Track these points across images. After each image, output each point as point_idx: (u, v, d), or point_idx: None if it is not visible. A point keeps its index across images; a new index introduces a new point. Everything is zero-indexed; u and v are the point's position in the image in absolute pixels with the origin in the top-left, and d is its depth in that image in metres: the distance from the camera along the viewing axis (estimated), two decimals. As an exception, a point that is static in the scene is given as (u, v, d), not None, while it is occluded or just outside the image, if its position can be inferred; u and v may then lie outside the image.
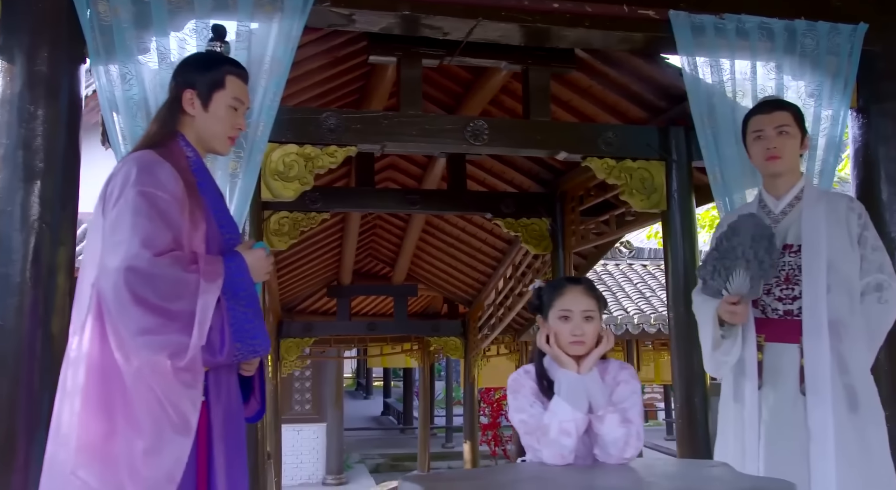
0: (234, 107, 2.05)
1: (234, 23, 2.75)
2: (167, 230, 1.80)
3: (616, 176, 3.47)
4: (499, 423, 12.85)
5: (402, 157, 5.91)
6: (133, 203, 1.79)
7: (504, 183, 5.54)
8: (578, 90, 4.06)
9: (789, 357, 2.21)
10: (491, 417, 13.16)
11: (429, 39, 3.24)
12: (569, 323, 2.02)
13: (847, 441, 2.11)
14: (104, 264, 1.77)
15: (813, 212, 2.27)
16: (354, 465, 15.39)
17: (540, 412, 1.99)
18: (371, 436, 20.11)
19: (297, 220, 4.68)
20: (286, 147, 3.14)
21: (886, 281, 2.24)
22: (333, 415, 13.75)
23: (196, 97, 2.01)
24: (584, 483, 1.71)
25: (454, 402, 17.68)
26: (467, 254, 7.10)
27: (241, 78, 2.10)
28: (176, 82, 2.07)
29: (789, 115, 2.35)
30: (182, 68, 2.10)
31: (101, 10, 2.63)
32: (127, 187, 1.82)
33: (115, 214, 1.80)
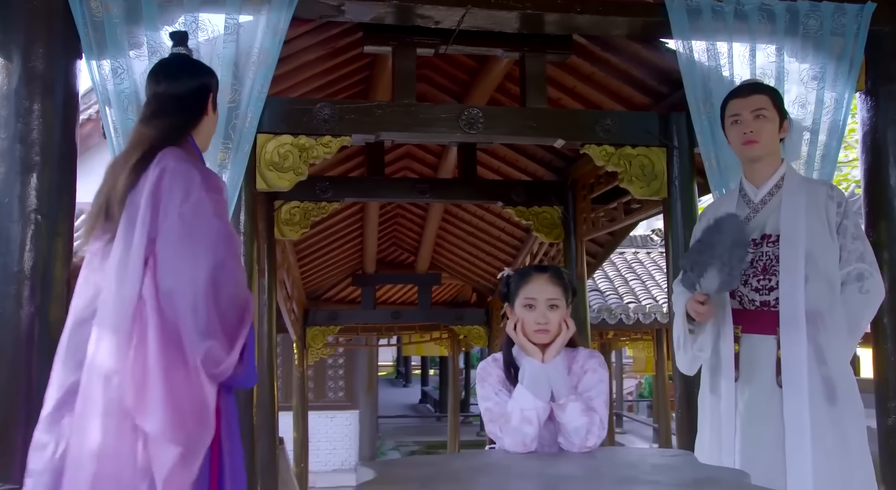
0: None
1: (223, 15, 2.80)
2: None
3: (615, 163, 3.43)
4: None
5: (418, 147, 5.93)
6: (211, 207, 1.83)
7: (518, 171, 5.51)
8: (581, 77, 4.02)
9: (766, 349, 2.17)
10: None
11: (423, 29, 3.24)
12: (534, 311, 2.02)
13: (824, 434, 2.07)
14: (182, 265, 1.78)
15: (792, 201, 2.22)
16: (388, 452, 15.57)
17: (504, 400, 2.00)
18: (407, 423, 20.33)
19: (307, 209, 4.74)
20: (281, 138, 3.18)
21: (867, 270, 2.17)
22: (366, 402, 13.93)
23: (212, 99, 2.11)
24: (536, 470, 1.72)
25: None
26: (487, 242, 7.10)
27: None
28: (202, 83, 2.11)
29: (767, 98, 2.29)
30: (205, 71, 2.16)
31: (93, 7, 2.70)
32: (195, 190, 1.83)
33: (191, 216, 1.81)
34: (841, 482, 2.05)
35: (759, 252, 2.23)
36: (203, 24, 2.79)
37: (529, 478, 1.64)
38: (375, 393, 14.21)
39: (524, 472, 1.71)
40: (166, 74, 2.09)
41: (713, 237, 2.19)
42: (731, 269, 2.10)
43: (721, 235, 2.17)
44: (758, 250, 2.23)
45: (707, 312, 2.17)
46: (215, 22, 2.80)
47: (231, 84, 2.77)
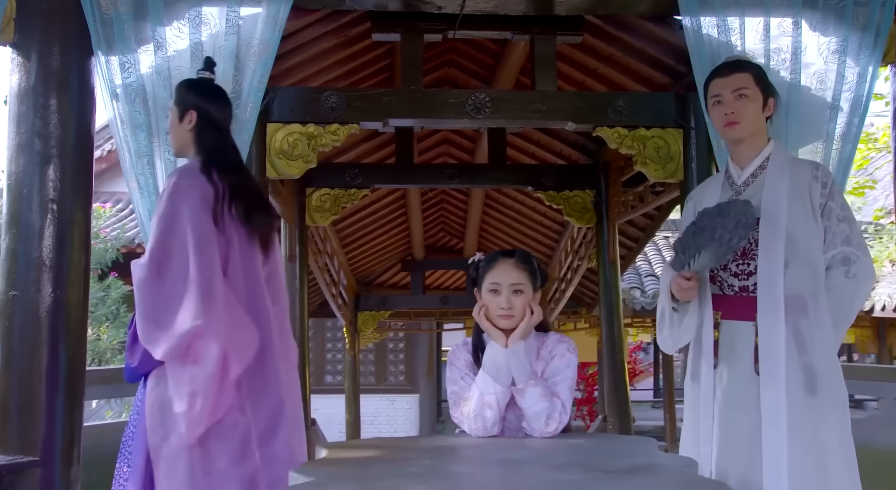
0: None
1: (224, 8, 2.88)
2: None
3: (628, 145, 3.36)
4: (595, 398, 12.75)
5: (454, 132, 5.94)
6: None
7: (553, 155, 5.45)
8: (601, 58, 3.94)
9: (744, 335, 2.09)
10: (586, 392, 13.08)
11: (430, 14, 3.25)
12: (498, 296, 2.01)
13: (801, 425, 1.99)
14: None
15: (775, 182, 2.13)
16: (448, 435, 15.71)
17: (469, 384, 2.01)
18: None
19: (337, 196, 4.83)
20: (289, 127, 3.25)
21: (854, 254, 2.07)
22: (426, 386, 14.09)
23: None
24: (483, 455, 1.73)
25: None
26: (529, 227, 7.05)
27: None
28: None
29: (749, 76, 2.19)
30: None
31: (103, 4, 2.81)
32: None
33: None
34: (818, 475, 1.97)
35: None
36: (206, 18, 2.88)
37: (470, 461, 1.66)
38: (436, 377, 14.35)
39: (470, 456, 1.72)
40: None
41: (714, 220, 2.12)
42: (728, 248, 2.04)
43: (724, 219, 2.09)
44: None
45: (690, 289, 2.11)
46: (217, 15, 2.88)
47: (233, 75, 2.84)
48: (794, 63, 2.97)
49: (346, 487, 1.40)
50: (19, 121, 2.74)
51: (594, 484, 1.42)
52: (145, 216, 2.73)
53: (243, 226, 2.16)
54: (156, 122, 2.80)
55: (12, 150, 2.75)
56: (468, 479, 1.45)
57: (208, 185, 2.14)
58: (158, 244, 2.07)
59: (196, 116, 2.30)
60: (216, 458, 2.01)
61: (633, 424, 4.83)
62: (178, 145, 2.30)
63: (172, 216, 2.09)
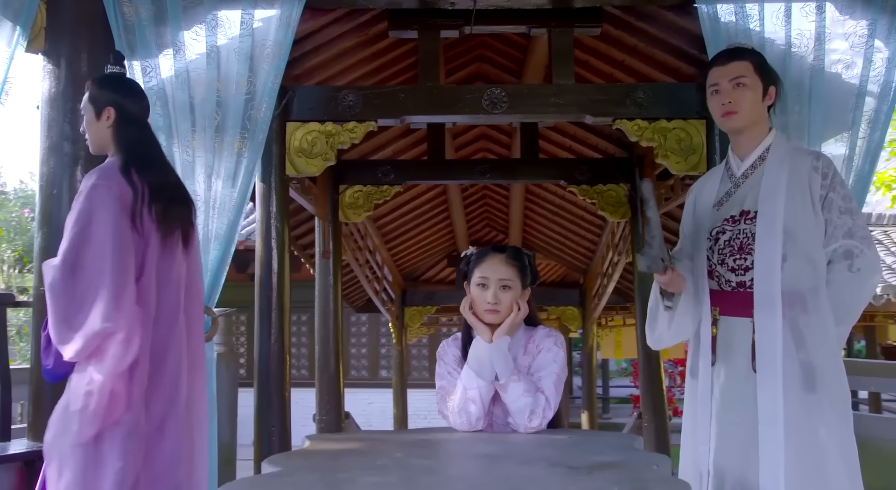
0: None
1: (239, 11, 2.96)
2: None
3: (648, 138, 3.29)
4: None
5: (491, 128, 5.92)
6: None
7: (588, 148, 5.38)
8: (626, 49, 3.87)
9: (741, 332, 2.03)
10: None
11: (446, 11, 3.27)
12: (486, 291, 2.02)
13: (798, 423, 1.92)
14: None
15: (774, 174, 2.05)
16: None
17: (456, 379, 2.02)
18: (528, 403, 20.38)
19: (370, 193, 4.89)
20: (308, 125, 3.31)
21: (857, 247, 1.98)
22: (480, 381, 14.08)
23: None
24: (458, 449, 1.74)
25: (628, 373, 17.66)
26: (571, 221, 6.98)
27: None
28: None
29: (748, 64, 2.12)
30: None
31: (126, 12, 2.93)
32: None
33: None
34: (815, 475, 1.90)
35: (737, 230, 2.08)
36: (221, 21, 2.97)
37: (440, 454, 1.67)
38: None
39: (443, 450, 1.74)
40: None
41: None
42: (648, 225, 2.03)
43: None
44: (735, 227, 2.09)
45: (671, 281, 2.07)
46: (232, 18, 2.97)
47: (247, 76, 2.92)
48: (817, 49, 2.87)
49: (305, 478, 1.43)
50: (50, 125, 2.88)
51: (550, 479, 1.42)
52: (164, 214, 2.82)
53: (161, 226, 2.16)
54: (175, 124, 2.90)
55: (43, 153, 2.89)
56: (425, 471, 1.47)
57: (127, 186, 2.12)
58: (72, 246, 2.04)
59: (114, 113, 2.26)
60: (108, 458, 2.00)
61: (669, 422, 4.73)
62: (97, 144, 2.29)
63: (88, 218, 2.06)
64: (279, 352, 3.22)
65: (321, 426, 4.81)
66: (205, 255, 2.80)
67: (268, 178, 3.31)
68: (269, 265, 3.27)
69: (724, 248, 2.10)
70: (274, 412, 3.21)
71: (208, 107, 2.89)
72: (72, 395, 2.02)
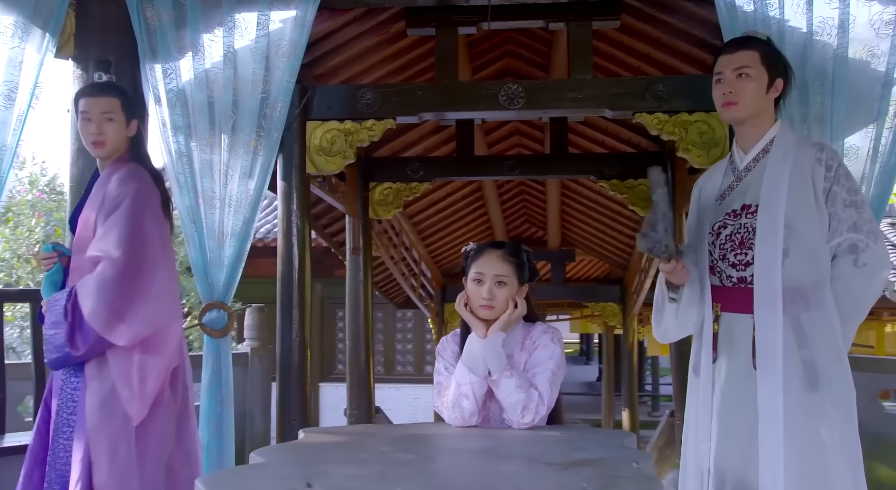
0: (86, 119, 2.40)
1: (256, 12, 3.02)
2: None
3: (669, 131, 3.23)
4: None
5: (524, 123, 5.90)
6: None
7: (621, 142, 5.31)
8: (650, 41, 3.81)
9: (742, 328, 1.98)
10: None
11: (463, 7, 3.27)
12: (481, 286, 2.02)
13: (799, 422, 1.86)
14: None
15: (777, 167, 1.99)
16: (553, 428, 15.60)
17: (452, 375, 2.02)
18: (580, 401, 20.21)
19: (399, 190, 4.92)
20: (328, 124, 3.35)
21: (862, 241, 1.91)
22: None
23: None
24: (445, 444, 1.75)
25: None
26: (607, 217, 6.90)
27: (87, 95, 2.45)
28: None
29: (754, 54, 2.06)
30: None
31: (149, 16, 3.02)
32: None
33: None
34: (815, 476, 1.84)
35: (738, 224, 2.03)
36: (238, 23, 3.03)
37: (425, 449, 1.68)
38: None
39: (430, 444, 1.75)
40: None
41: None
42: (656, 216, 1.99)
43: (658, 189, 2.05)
44: (736, 222, 2.04)
45: (675, 272, 2.03)
46: (249, 20, 3.03)
47: (263, 76, 2.98)
48: (840, 36, 2.77)
49: (283, 470, 1.47)
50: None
51: (522, 475, 1.42)
52: (184, 212, 2.90)
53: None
54: (194, 124, 2.98)
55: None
56: (401, 465, 1.48)
57: (157, 191, 2.38)
58: (128, 244, 2.24)
59: (136, 124, 2.49)
60: (151, 438, 2.21)
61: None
62: (113, 147, 2.42)
63: (140, 220, 2.28)
64: (300, 347, 3.27)
65: (352, 420, 4.87)
66: (220, 251, 2.88)
67: (289, 177, 3.35)
68: (291, 262, 3.32)
69: (725, 243, 2.05)
70: (295, 406, 3.26)
71: (225, 106, 2.96)
72: (119, 381, 2.19)
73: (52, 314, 2.22)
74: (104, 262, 2.21)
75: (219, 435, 2.82)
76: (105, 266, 2.21)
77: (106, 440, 2.16)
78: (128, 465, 2.15)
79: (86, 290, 2.21)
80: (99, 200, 2.36)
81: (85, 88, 2.49)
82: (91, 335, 2.18)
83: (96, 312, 2.17)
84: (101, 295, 2.18)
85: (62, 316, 2.21)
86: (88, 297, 2.19)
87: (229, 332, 2.83)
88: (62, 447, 2.22)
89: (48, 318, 2.22)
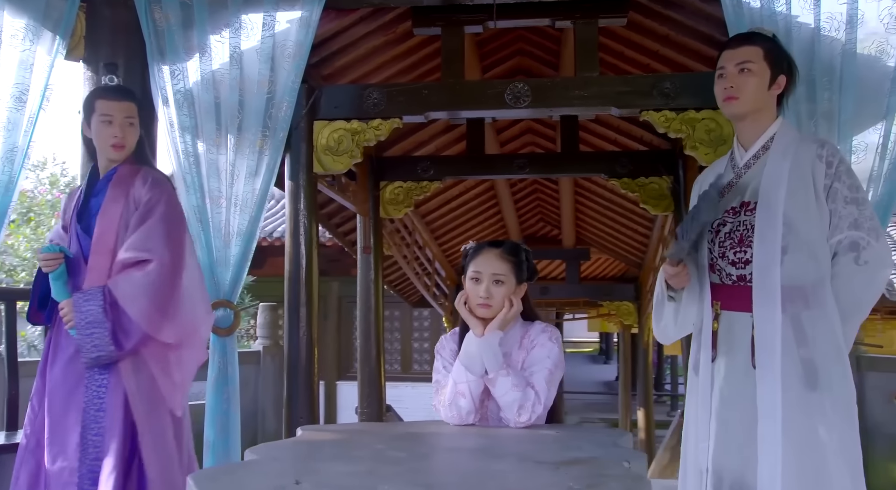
0: (106, 121, 2.42)
1: (262, 13, 3.05)
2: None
3: (676, 129, 3.21)
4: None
5: (536, 122, 5.88)
6: None
7: (634, 140, 5.28)
8: (658, 38, 3.78)
9: (741, 327, 1.97)
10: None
11: (468, 6, 3.27)
12: (479, 285, 2.02)
13: (797, 422, 1.84)
14: None
15: (776, 163, 1.97)
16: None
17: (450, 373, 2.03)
18: (598, 400, 20.16)
19: (410, 189, 4.93)
20: (335, 124, 3.36)
21: (864, 238, 1.88)
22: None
23: (86, 124, 2.48)
24: (439, 442, 1.76)
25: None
26: (622, 215, 6.86)
27: (107, 98, 2.46)
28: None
29: (757, 50, 2.04)
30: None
31: (157, 18, 3.06)
32: None
33: None
34: (813, 476, 1.82)
35: (737, 221, 2.02)
36: (244, 24, 3.06)
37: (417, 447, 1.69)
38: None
39: (424, 442, 1.76)
40: None
41: (699, 203, 2.04)
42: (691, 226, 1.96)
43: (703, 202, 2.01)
44: (736, 219, 2.02)
45: (678, 276, 2.02)
46: (255, 21, 3.05)
47: (269, 77, 3.01)
48: (849, 32, 2.74)
49: (274, 467, 1.48)
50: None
51: (510, 474, 1.42)
52: (191, 211, 2.93)
53: None
54: (201, 124, 3.01)
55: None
56: (393, 462, 1.49)
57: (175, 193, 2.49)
58: (173, 246, 2.35)
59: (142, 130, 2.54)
60: (184, 426, 2.38)
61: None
62: (129, 149, 2.46)
63: (177, 222, 2.41)
64: (307, 346, 3.30)
65: (363, 418, 4.90)
66: (227, 250, 2.91)
67: (296, 176, 3.37)
68: (298, 261, 3.34)
69: (724, 241, 2.04)
70: (302, 404, 3.29)
71: (231, 107, 2.99)
72: (160, 375, 2.32)
73: (83, 315, 2.25)
74: (154, 264, 2.29)
75: (225, 432, 2.85)
76: (155, 267, 2.29)
77: (153, 433, 2.28)
78: (172, 456, 2.29)
79: (132, 290, 2.28)
80: (123, 202, 2.40)
81: (103, 91, 2.51)
82: (137, 333, 2.27)
83: (147, 312, 2.27)
84: (152, 295, 2.27)
85: (101, 316, 2.26)
86: (137, 297, 2.27)
87: (235, 331, 2.86)
88: (91, 443, 2.27)
89: (80, 318, 2.25)
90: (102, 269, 2.34)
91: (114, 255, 2.36)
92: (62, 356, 2.35)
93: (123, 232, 2.38)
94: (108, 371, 2.28)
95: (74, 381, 2.32)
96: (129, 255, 2.31)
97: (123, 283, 2.28)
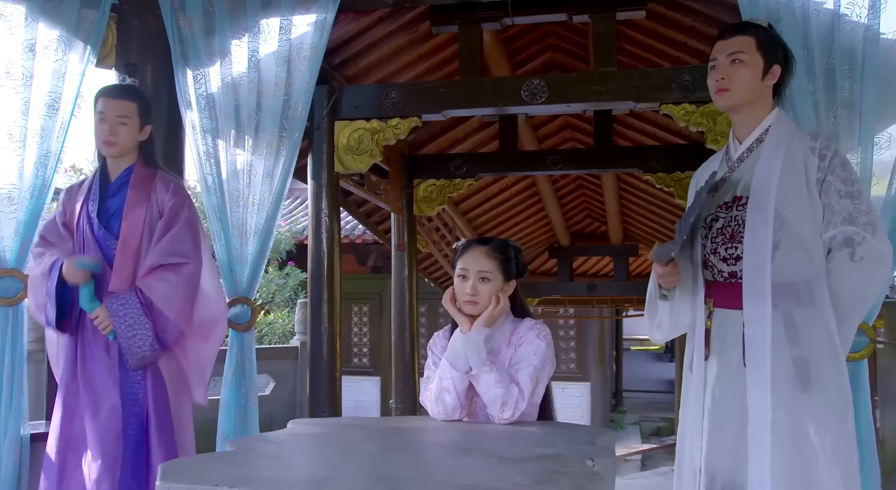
0: (100, 119, 2.51)
1: (279, 17, 3.12)
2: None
3: (697, 122, 3.14)
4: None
5: (574, 117, 5.82)
6: None
7: (672, 134, 5.17)
8: (684, 30, 3.70)
9: (733, 324, 1.92)
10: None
11: (486, 3, 3.28)
12: (465, 282, 2.03)
13: (788, 422, 1.79)
14: None
15: (769, 157, 1.91)
16: (628, 426, 15.29)
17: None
18: (660, 399, 19.76)
19: (442, 187, 4.97)
20: (355, 123, 3.42)
21: (858, 234, 1.81)
22: (597, 374, 13.84)
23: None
24: (414, 436, 1.78)
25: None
26: (666, 210, 6.72)
27: (105, 96, 2.55)
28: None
29: (750, 40, 1.98)
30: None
31: (181, 25, 3.17)
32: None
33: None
34: (804, 478, 1.77)
35: (729, 217, 1.97)
36: (262, 29, 3.14)
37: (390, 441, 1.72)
38: (607, 365, 14.03)
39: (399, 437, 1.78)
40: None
41: (694, 202, 2.01)
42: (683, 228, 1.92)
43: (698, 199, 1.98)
44: (728, 214, 1.98)
45: (667, 276, 1.99)
46: (272, 25, 3.13)
47: (285, 79, 3.08)
48: (871, 16, 2.63)
49: (245, 458, 1.53)
50: (119, 132, 3.17)
51: (466, 469, 1.43)
52: (211, 211, 3.03)
53: None
54: (221, 126, 3.11)
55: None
56: (357, 455, 1.53)
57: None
58: (200, 248, 2.51)
59: (149, 130, 2.62)
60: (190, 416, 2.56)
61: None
62: (126, 148, 2.54)
63: (199, 223, 2.56)
64: (329, 342, 3.37)
65: (398, 413, 4.96)
66: (244, 248, 3.00)
67: (318, 176, 3.45)
68: (320, 259, 3.42)
69: (716, 237, 1.99)
70: (324, 398, 3.36)
71: (250, 109, 3.08)
72: (190, 370, 2.51)
73: (123, 318, 2.37)
74: (189, 266, 2.45)
75: (244, 425, 2.94)
76: (190, 269, 2.45)
77: (184, 422, 2.49)
78: (192, 441, 2.51)
79: (169, 291, 2.41)
80: (146, 206, 2.51)
81: (105, 89, 2.60)
82: (175, 332, 2.42)
83: (183, 310, 2.43)
84: (185, 294, 2.43)
85: (143, 318, 2.38)
86: (174, 297, 2.41)
87: (252, 326, 2.94)
88: (132, 437, 2.41)
89: (119, 322, 2.36)
90: (127, 270, 2.45)
91: (137, 257, 2.47)
92: (92, 359, 2.45)
93: (147, 235, 2.49)
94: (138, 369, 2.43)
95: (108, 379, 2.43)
96: (161, 259, 2.43)
97: (157, 284, 2.40)
